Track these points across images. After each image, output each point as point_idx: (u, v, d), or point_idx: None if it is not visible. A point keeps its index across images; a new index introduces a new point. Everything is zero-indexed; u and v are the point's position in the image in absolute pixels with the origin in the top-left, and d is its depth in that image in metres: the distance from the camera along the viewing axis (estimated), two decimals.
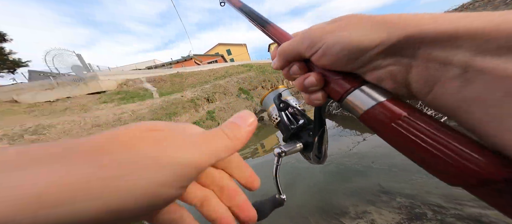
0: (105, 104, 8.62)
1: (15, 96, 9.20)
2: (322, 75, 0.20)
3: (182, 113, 8.01)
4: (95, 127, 6.63)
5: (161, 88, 10.82)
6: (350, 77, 0.19)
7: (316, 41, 0.19)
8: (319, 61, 0.19)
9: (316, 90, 0.21)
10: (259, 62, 18.54)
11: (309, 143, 0.27)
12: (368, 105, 0.17)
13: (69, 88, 9.60)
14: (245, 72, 13.91)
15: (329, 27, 0.19)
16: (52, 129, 6.57)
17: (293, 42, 0.21)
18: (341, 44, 0.17)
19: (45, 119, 7.30)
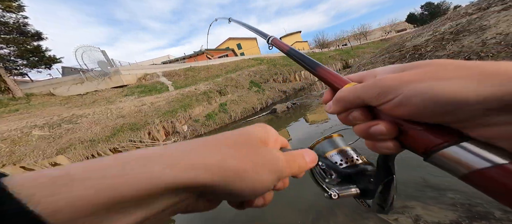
0: (127, 97, 9.23)
1: (52, 90, 10.14)
2: (395, 125, 0.19)
3: (196, 105, 8.33)
4: (119, 118, 7.19)
5: (176, 82, 11.26)
6: (441, 130, 0.17)
7: (389, 91, 0.18)
8: (393, 111, 0.18)
9: (386, 139, 0.20)
10: (269, 55, 18.34)
11: (368, 189, 0.25)
12: (480, 165, 0.15)
13: (96, 83, 10.36)
14: (255, 65, 13.93)
15: (410, 75, 0.17)
16: (84, 119, 7.25)
17: (356, 90, 0.21)
18: (423, 98, 0.16)
19: (78, 110, 8.02)
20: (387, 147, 0.20)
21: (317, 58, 18.53)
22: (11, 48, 10.90)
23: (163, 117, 7.18)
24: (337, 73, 0.26)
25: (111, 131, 6.30)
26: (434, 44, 3.74)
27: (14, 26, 11.14)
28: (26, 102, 8.93)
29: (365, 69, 5.11)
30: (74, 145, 5.66)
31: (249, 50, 31.71)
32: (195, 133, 7.30)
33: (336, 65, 18.76)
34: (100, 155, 5.65)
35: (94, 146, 5.74)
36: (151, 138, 6.57)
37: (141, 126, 6.63)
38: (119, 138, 6.09)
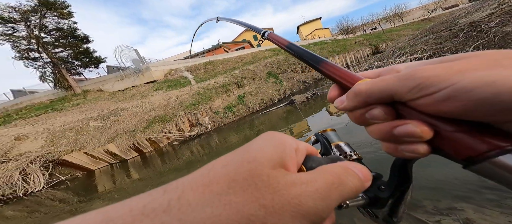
0: (157, 91, 10.20)
1: (101, 86, 11.77)
2: (429, 125, 0.15)
3: (216, 97, 8.69)
4: (152, 111, 8.08)
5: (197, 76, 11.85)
6: (491, 132, 0.13)
7: (435, 82, 0.14)
8: (432, 107, 0.14)
9: (414, 142, 0.16)
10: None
11: (379, 198, 0.20)
12: None
13: (132, 79, 11.60)
14: (272, 56, 13.54)
15: (463, 64, 0.13)
16: (125, 111, 8.38)
17: (387, 82, 0.16)
18: (497, 87, 0.12)
19: (120, 103, 9.25)
20: (416, 151, 0.16)
21: (340, 45, 17.00)
22: (68, 51, 12.76)
23: (187, 109, 7.82)
24: (347, 70, 0.22)
25: (146, 123, 7.19)
26: (501, 18, 2.92)
27: (68, 31, 12.86)
28: (83, 98, 10.65)
29: (400, 53, 4.45)
30: (120, 135, 6.68)
31: (266, 41, 30.49)
32: (215, 125, 7.72)
33: (364, 51, 17.03)
34: (140, 144, 6.59)
35: (134, 135, 6.69)
36: (178, 129, 7.31)
37: (170, 118, 7.38)
38: (153, 129, 6.94)
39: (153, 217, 0.11)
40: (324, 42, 19.04)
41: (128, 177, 4.87)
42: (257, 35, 0.54)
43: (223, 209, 0.12)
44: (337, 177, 0.15)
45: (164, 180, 3.90)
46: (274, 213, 0.12)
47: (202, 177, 0.13)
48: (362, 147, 2.39)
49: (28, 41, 11.51)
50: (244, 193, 0.12)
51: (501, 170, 0.13)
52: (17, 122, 8.49)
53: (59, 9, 11.82)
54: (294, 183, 0.13)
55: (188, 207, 0.12)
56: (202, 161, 4.62)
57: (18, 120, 8.67)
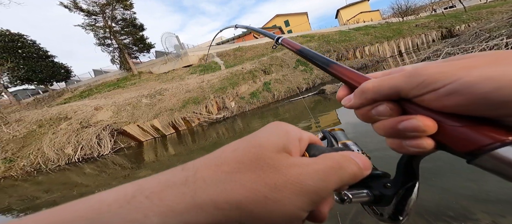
0: (192, 75, 10.69)
1: (150, 69, 13.11)
2: (434, 120, 0.15)
3: (242, 83, 8.55)
4: (187, 92, 8.60)
5: (227, 61, 11.78)
6: (492, 126, 0.13)
7: (439, 78, 0.14)
8: (437, 102, 0.14)
9: (419, 136, 0.15)
10: (322, 31, 15.31)
11: (384, 196, 0.19)
12: None
13: (173, 63, 12.43)
14: (304, 43, 12.16)
15: (466, 62, 0.14)
16: (167, 92, 9.17)
17: (392, 79, 0.16)
18: (499, 82, 0.12)
19: (164, 84, 10.13)
20: (421, 146, 0.15)
21: (393, 30, 13.73)
22: (129, 38, 14.43)
23: (216, 93, 7.99)
24: (355, 71, 0.22)
25: (182, 103, 7.73)
26: None
27: (129, 21, 14.36)
28: (138, 78, 12.15)
29: (489, 36, 3.39)
30: (162, 112, 7.43)
31: (298, 27, 27.06)
32: (240, 110, 7.75)
33: (429, 36, 13.54)
34: (176, 122, 7.25)
35: (172, 114, 7.35)
36: (207, 111, 7.64)
37: (201, 100, 7.73)
38: (187, 109, 7.44)
39: (175, 189, 0.12)
40: (371, 26, 15.70)
41: (166, 151, 5.44)
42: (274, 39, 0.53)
43: (232, 184, 0.13)
44: (336, 162, 0.15)
45: (193, 157, 4.10)
46: (276, 190, 0.13)
47: (214, 159, 0.14)
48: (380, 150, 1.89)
49: (104, 30, 13.42)
50: (251, 172, 0.13)
51: (500, 163, 0.13)
52: (96, 95, 10.44)
53: (124, 1, 13.11)
54: (295, 164, 0.14)
55: (202, 182, 0.13)
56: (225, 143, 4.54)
57: (96, 94, 10.64)
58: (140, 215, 0.11)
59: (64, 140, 6.34)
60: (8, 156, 5.98)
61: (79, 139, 6.36)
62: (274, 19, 29.53)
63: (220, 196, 0.12)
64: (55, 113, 7.62)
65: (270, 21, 29.68)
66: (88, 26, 13.19)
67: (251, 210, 0.12)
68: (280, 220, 0.13)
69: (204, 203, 0.12)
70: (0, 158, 5.90)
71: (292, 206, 0.13)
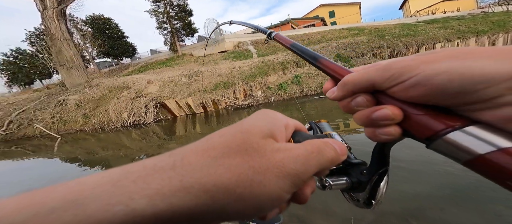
0: (225, 60, 10.69)
1: (192, 52, 13.84)
2: (400, 108, 0.16)
3: (272, 73, 8.03)
4: (219, 76, 8.66)
5: (259, 50, 11.18)
6: (447, 115, 0.14)
7: (405, 72, 0.14)
8: (404, 93, 0.15)
9: (388, 124, 0.16)
10: (376, 24, 12.51)
11: (361, 182, 0.20)
12: (483, 150, 0.12)
13: (211, 48, 12.68)
14: (349, 37, 10.26)
15: (429, 57, 0.14)
16: (202, 74, 9.45)
17: (368, 72, 0.17)
18: (451, 74, 0.13)
19: (200, 67, 10.53)
20: (388, 133, 0.16)
21: (493, 22, 9.90)
22: (180, 23, 15.47)
23: (245, 80, 7.75)
24: (340, 65, 0.23)
25: (213, 85, 7.85)
26: None
27: (182, 7, 15.29)
28: (181, 60, 13.10)
29: None
30: (196, 92, 7.77)
31: (345, 19, 22.79)
32: (266, 99, 7.41)
33: None
34: (206, 102, 7.50)
35: (204, 94, 7.59)
36: (234, 96, 7.56)
37: (230, 85, 7.66)
38: (217, 92, 7.53)
39: (161, 173, 0.12)
40: (454, 18, 11.78)
41: (194, 128, 5.69)
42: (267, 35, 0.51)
43: (218, 168, 0.13)
44: (316, 148, 0.16)
45: None
46: (260, 173, 0.13)
47: (201, 144, 0.14)
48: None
49: (163, 15, 14.80)
50: (237, 156, 0.13)
51: (450, 146, 0.14)
52: (149, 71, 11.83)
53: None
54: (279, 149, 0.14)
55: (189, 166, 0.13)
56: None
57: (150, 70, 12.05)
58: (126, 197, 0.11)
59: (123, 105, 7.47)
60: (86, 112, 7.50)
61: (133, 106, 7.36)
62: (316, 9, 25.96)
63: (207, 179, 0.12)
64: (121, 82, 8.98)
65: (312, 11, 26.29)
66: (152, 12, 14.68)
67: (237, 192, 0.12)
68: (265, 200, 0.13)
69: (192, 187, 0.12)
70: (81, 114, 7.47)
71: (275, 188, 0.13)
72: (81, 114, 7.48)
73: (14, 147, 5.93)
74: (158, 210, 0.11)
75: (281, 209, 0.16)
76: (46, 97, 8.57)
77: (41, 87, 15.18)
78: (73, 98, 8.00)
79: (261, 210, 0.13)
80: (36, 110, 7.78)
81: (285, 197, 0.14)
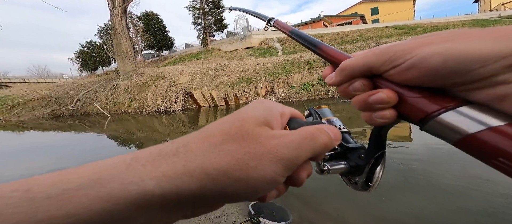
0: (250, 56, 10.41)
1: (220, 47, 14.04)
2: (395, 92, 0.15)
3: (296, 72, 7.44)
4: (243, 71, 8.52)
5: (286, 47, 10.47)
6: (441, 96, 0.14)
7: (401, 55, 0.14)
8: (399, 76, 0.15)
9: (384, 108, 0.16)
10: (434, 21, 10.32)
11: (359, 166, 0.19)
12: (473, 129, 0.12)
13: (238, 43, 12.57)
14: (394, 36, 8.68)
15: (424, 40, 0.14)
16: (227, 68, 9.48)
17: (366, 57, 0.16)
18: (446, 55, 0.12)
19: (226, 61, 10.62)
20: (384, 116, 0.16)
21: None
22: (213, 19, 15.85)
23: (267, 77, 7.40)
24: (339, 51, 0.22)
25: (237, 80, 7.76)
26: None
27: (216, 3, 15.60)
28: (210, 54, 13.46)
29: None
30: (220, 85, 7.85)
31: (391, 16, 19.04)
32: (287, 98, 6.95)
33: None
34: (228, 96, 7.50)
35: (227, 88, 7.60)
36: (255, 92, 7.32)
37: (253, 81, 7.42)
38: (239, 87, 7.42)
39: (167, 158, 0.13)
40: None
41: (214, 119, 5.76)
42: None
43: (217, 154, 0.13)
44: (310, 134, 0.16)
45: None
46: (255, 158, 0.14)
47: (202, 133, 0.15)
48: None
49: (199, 11, 15.43)
50: (235, 143, 0.14)
51: (443, 127, 0.13)
52: (182, 63, 12.56)
53: None
54: (274, 136, 0.15)
55: (191, 152, 0.13)
56: None
57: (183, 62, 12.78)
58: (137, 178, 0.12)
59: (158, 93, 8.11)
60: (131, 96, 8.44)
61: (166, 94, 7.91)
62: (357, 5, 22.75)
63: (208, 163, 0.13)
64: (159, 72, 9.77)
65: (350, 8, 23.19)
66: (191, 8, 15.42)
67: (235, 175, 0.13)
68: (260, 183, 0.14)
69: (194, 170, 0.13)
70: (127, 97, 8.44)
71: (269, 171, 0.14)
72: (127, 97, 8.46)
73: (77, 121, 7.11)
74: (165, 191, 0.12)
75: (279, 191, 0.17)
76: (105, 81, 10.01)
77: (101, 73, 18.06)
78: (123, 84, 9.09)
79: (257, 191, 0.14)
80: (96, 92, 9.16)
81: (279, 180, 0.14)
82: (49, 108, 8.63)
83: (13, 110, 8.66)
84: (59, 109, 8.56)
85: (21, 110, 8.62)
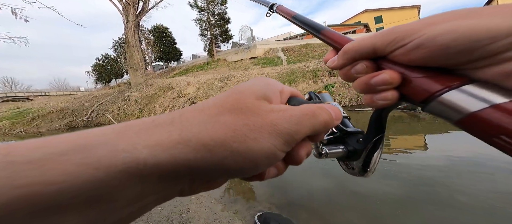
0: (255, 66, 10.67)
1: (225, 57, 14.50)
2: (398, 72, 0.15)
3: (301, 81, 7.54)
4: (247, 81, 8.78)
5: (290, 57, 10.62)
6: (444, 75, 0.13)
7: (407, 35, 0.14)
8: (405, 56, 0.14)
9: (386, 89, 0.15)
10: None
11: (356, 150, 0.19)
12: (475, 107, 0.12)
13: (243, 53, 12.93)
14: None
15: (431, 20, 0.13)
16: (233, 78, 9.78)
17: (370, 38, 0.16)
18: (456, 33, 0.12)
19: (231, 71, 10.91)
20: (386, 98, 0.16)
21: None
22: (218, 31, 16.55)
23: None
24: (343, 35, 0.22)
25: None
26: None
27: (221, 15, 16.35)
28: (216, 64, 13.90)
29: None
30: None
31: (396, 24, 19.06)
32: None
33: None
34: None
35: None
36: None
37: None
38: None
39: (161, 128, 0.12)
40: None
41: None
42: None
43: (215, 124, 0.13)
44: (311, 110, 0.15)
45: None
46: (255, 130, 0.13)
47: (198, 105, 0.15)
48: None
49: (205, 23, 16.23)
50: (232, 114, 0.13)
51: (444, 107, 0.13)
52: (189, 73, 13.07)
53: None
54: (273, 110, 0.14)
55: (187, 122, 0.13)
56: None
57: (190, 73, 13.29)
58: (130, 146, 0.11)
59: (167, 103, 8.42)
60: (141, 107, 8.81)
61: (174, 104, 8.19)
62: (360, 14, 22.91)
63: (205, 133, 0.12)
64: (167, 83, 10.21)
65: (354, 17, 23.39)
66: (198, 20, 16.32)
67: (233, 146, 0.12)
68: (259, 156, 0.13)
69: (190, 140, 0.12)
70: (137, 108, 8.82)
71: (269, 145, 0.13)
72: (137, 108, 8.84)
73: None
74: (160, 160, 0.11)
75: (279, 170, 0.16)
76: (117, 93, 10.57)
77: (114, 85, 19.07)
78: (134, 95, 9.55)
79: (256, 165, 0.13)
80: (109, 103, 9.68)
81: (278, 155, 0.14)
82: (66, 120, 9.17)
83: (33, 122, 9.28)
84: (74, 121, 9.07)
85: (40, 122, 9.21)
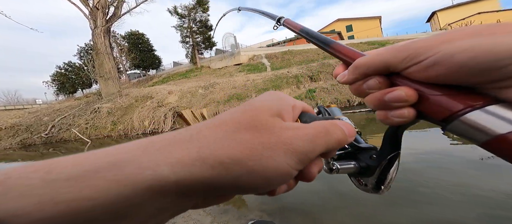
0: (240, 73, 10.77)
1: (209, 64, 14.34)
2: (415, 90, 0.14)
3: (285, 87, 7.82)
4: (233, 88, 8.68)
5: (273, 63, 11.07)
6: (466, 94, 0.13)
7: (422, 52, 0.14)
8: (421, 73, 0.14)
9: (402, 106, 0.15)
10: (399, 38, 12.06)
11: (369, 166, 0.19)
12: (503, 130, 0.11)
13: (227, 60, 12.99)
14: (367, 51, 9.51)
15: (448, 36, 0.13)
16: (218, 85, 9.62)
17: (383, 54, 0.16)
18: (475, 51, 0.12)
19: (216, 79, 10.76)
20: (402, 115, 0.15)
21: None
22: (201, 37, 16.31)
23: (258, 93, 7.61)
24: (353, 49, 0.21)
25: (227, 97, 7.85)
26: None
27: (203, 22, 16.20)
28: (199, 71, 13.60)
29: None
30: (210, 103, 7.83)
31: (363, 33, 22.20)
32: None
33: None
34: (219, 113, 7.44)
35: (218, 106, 7.59)
36: None
37: (243, 97, 7.56)
38: (230, 104, 7.48)
39: (181, 144, 0.13)
40: None
41: None
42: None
43: (231, 142, 0.13)
44: (324, 128, 0.15)
45: None
46: (270, 148, 0.13)
47: (214, 121, 0.15)
48: None
49: (187, 30, 15.82)
50: (247, 132, 0.14)
51: (468, 127, 0.12)
52: (170, 82, 12.46)
53: (203, 5, 14.79)
54: (288, 128, 0.14)
55: (205, 139, 0.13)
56: None
57: (171, 81, 12.68)
58: (153, 163, 0.12)
59: (145, 114, 7.80)
60: (115, 119, 7.99)
61: (154, 115, 7.63)
62: (334, 23, 25.39)
63: (222, 151, 0.13)
64: (146, 92, 9.51)
65: (329, 25, 25.73)
66: (178, 27, 15.84)
67: (249, 165, 0.13)
68: (273, 174, 0.13)
69: (207, 157, 0.12)
70: (110, 121, 7.97)
71: (283, 163, 0.13)
72: (110, 120, 7.98)
73: (51, 149, 6.47)
74: (179, 177, 0.11)
75: (289, 186, 0.16)
76: (85, 105, 9.42)
77: (81, 96, 17.02)
78: (106, 107, 8.63)
79: (270, 183, 0.14)
80: (74, 117, 8.54)
81: (292, 173, 0.14)
82: (19, 138, 7.75)
83: None
84: (30, 138, 7.72)
85: None
